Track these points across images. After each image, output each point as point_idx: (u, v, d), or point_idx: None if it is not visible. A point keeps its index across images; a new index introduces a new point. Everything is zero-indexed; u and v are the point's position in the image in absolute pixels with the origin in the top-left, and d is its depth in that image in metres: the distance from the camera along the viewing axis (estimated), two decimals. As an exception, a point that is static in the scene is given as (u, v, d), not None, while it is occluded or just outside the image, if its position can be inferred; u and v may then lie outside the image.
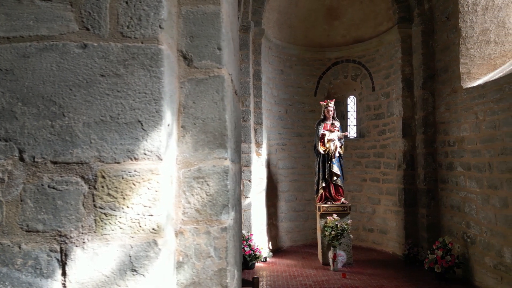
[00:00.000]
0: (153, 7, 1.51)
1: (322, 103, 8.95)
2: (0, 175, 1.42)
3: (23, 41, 1.47)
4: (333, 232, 7.70)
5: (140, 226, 1.45)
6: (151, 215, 1.46)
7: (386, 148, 9.60)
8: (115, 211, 1.45)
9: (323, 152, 8.47)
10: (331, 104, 8.74)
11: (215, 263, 1.65)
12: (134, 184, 1.46)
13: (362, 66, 10.25)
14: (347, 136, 9.35)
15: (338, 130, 8.56)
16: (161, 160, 1.47)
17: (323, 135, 8.49)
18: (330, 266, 7.83)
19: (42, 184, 1.44)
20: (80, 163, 1.45)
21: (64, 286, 1.42)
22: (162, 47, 1.50)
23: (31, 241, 1.42)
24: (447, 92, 7.66)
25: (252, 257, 7.76)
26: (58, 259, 1.42)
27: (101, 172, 1.45)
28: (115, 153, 1.46)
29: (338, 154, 8.45)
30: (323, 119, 8.73)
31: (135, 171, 1.46)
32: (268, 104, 9.59)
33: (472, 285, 6.63)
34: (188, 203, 1.66)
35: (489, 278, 6.20)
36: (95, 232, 1.44)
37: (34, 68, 1.46)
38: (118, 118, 1.47)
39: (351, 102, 10.87)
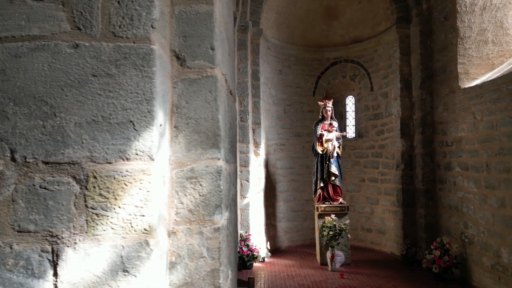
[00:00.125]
0: (145, 7, 1.50)
1: (320, 103, 8.95)
2: (-9, 175, 1.42)
3: (15, 41, 1.47)
4: (331, 232, 7.70)
5: (131, 227, 1.45)
6: (143, 216, 1.46)
7: (385, 148, 9.60)
8: (106, 211, 1.44)
9: (321, 152, 8.46)
10: (329, 104, 8.74)
11: (207, 264, 1.65)
12: (126, 185, 1.45)
13: (361, 66, 10.25)
14: (345, 136, 9.35)
15: (336, 130, 8.56)
16: (153, 160, 1.47)
17: (321, 135, 8.48)
18: (328, 266, 7.83)
19: (34, 185, 1.43)
20: (72, 163, 1.44)
21: (55, 286, 1.41)
22: (154, 47, 1.50)
23: (23, 241, 1.42)
24: (445, 92, 7.67)
25: (250, 257, 7.75)
26: (49, 260, 1.42)
27: (92, 173, 1.44)
28: (106, 153, 1.45)
29: (336, 154, 8.45)
30: (321, 119, 8.73)
31: (126, 171, 1.46)
32: (267, 104, 9.59)
33: (469, 285, 6.64)
34: (181, 203, 1.66)
35: (486, 278, 6.20)
36: (86, 232, 1.43)
37: (26, 68, 1.46)
38: (110, 118, 1.47)
39: (350, 102, 10.87)
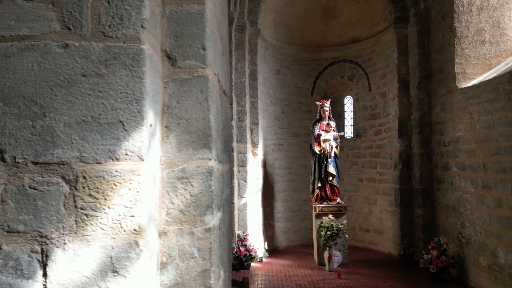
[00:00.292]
0: (135, 7, 1.50)
1: (317, 103, 8.95)
2: (-20, 175, 1.41)
3: (4, 41, 1.46)
4: (328, 232, 7.70)
5: (121, 227, 1.45)
6: (133, 216, 1.45)
7: (382, 148, 9.61)
8: (96, 211, 1.44)
9: (318, 152, 8.46)
10: (327, 104, 8.75)
11: (198, 264, 1.65)
12: (116, 185, 1.45)
13: (359, 66, 10.25)
14: (343, 136, 9.36)
15: (333, 130, 8.56)
16: (142, 160, 1.47)
17: (319, 135, 8.48)
18: (325, 266, 7.83)
19: (23, 185, 1.43)
20: (61, 164, 1.44)
21: (45, 287, 1.41)
22: (144, 46, 1.50)
23: (12, 242, 1.41)
24: (442, 92, 7.67)
25: (248, 257, 7.75)
26: (39, 260, 1.41)
27: (82, 173, 1.44)
28: (96, 153, 1.45)
29: (333, 154, 8.45)
30: (319, 119, 8.73)
31: (116, 171, 1.45)
32: (265, 104, 9.59)
33: (467, 285, 6.64)
34: (172, 203, 1.66)
35: (483, 278, 6.21)
36: (76, 233, 1.43)
37: (15, 68, 1.45)
38: (99, 118, 1.46)
39: (348, 102, 10.88)
